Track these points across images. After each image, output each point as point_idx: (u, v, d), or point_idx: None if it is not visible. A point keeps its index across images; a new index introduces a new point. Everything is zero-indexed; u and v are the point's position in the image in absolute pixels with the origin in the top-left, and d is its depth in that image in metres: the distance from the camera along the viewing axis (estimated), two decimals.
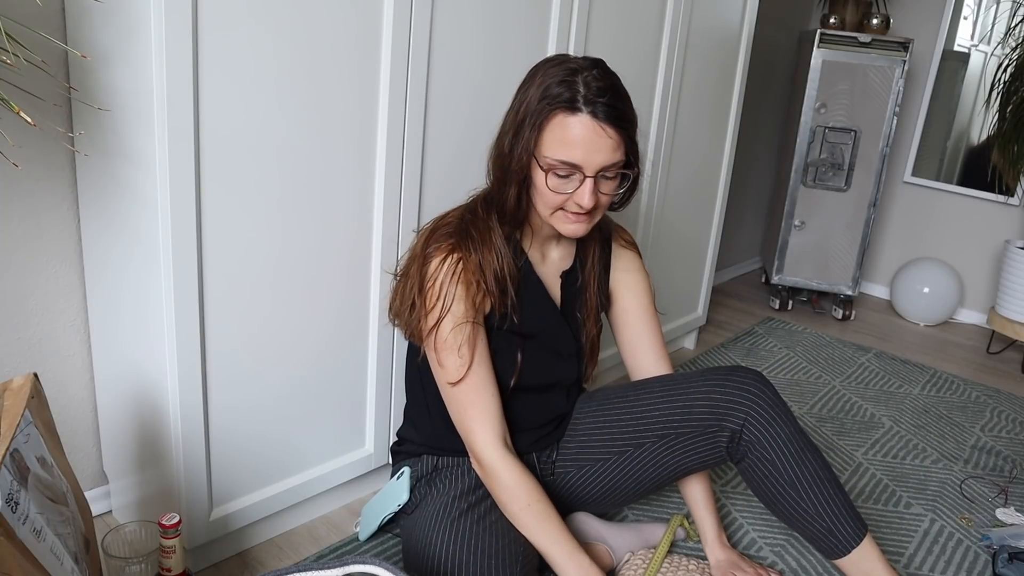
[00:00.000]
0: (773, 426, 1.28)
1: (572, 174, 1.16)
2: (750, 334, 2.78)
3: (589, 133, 1.13)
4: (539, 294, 1.32)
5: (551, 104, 1.13)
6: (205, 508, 1.31)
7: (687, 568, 1.43)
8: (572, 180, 1.16)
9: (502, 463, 1.22)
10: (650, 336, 1.46)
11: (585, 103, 1.12)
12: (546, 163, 1.16)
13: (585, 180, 1.15)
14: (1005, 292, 2.74)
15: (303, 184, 1.29)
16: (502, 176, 1.22)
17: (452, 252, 1.21)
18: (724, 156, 2.40)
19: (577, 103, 1.12)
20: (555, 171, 1.16)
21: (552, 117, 1.14)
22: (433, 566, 1.20)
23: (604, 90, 1.13)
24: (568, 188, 1.17)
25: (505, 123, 1.22)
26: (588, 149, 1.13)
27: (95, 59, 1.18)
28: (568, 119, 1.13)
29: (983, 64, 3.04)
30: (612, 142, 1.14)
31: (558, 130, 1.14)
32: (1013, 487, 1.89)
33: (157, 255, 1.16)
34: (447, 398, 1.26)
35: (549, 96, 1.14)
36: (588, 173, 1.15)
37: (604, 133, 1.13)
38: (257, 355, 1.31)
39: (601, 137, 1.13)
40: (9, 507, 0.83)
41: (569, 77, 1.14)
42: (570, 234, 1.22)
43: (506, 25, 1.53)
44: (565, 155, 1.14)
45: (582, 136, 1.13)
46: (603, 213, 1.25)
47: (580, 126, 1.13)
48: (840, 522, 1.28)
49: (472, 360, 1.23)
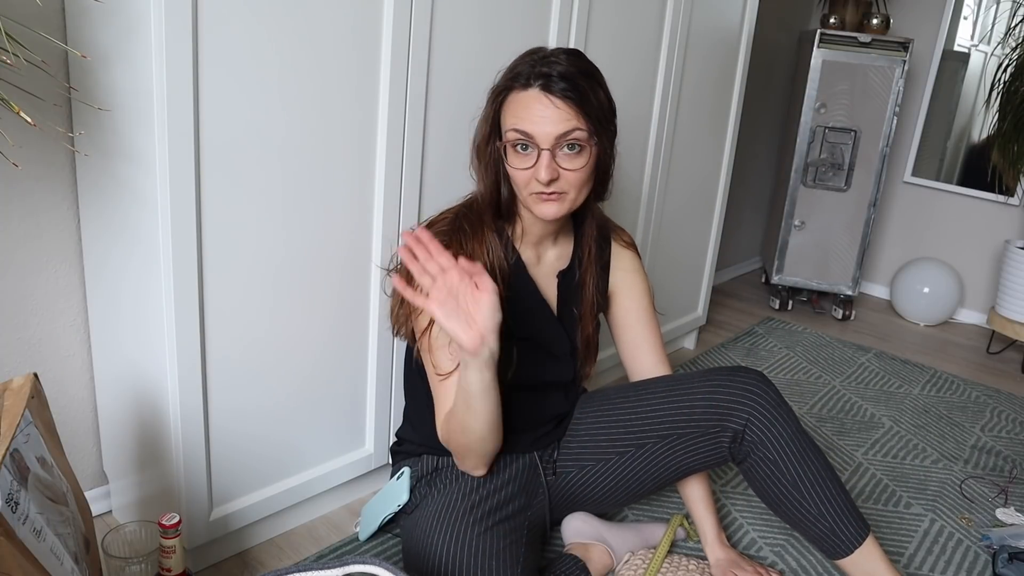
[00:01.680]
0: (775, 427, 1.28)
1: (529, 147, 1.19)
2: (750, 334, 2.78)
3: (537, 104, 1.16)
4: (531, 294, 1.32)
5: (509, 84, 1.19)
6: (205, 508, 1.31)
7: (687, 568, 1.43)
8: (530, 155, 1.19)
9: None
10: (649, 337, 1.46)
11: (535, 77, 1.17)
12: (507, 139, 1.20)
13: (541, 153, 1.17)
14: (1005, 292, 2.74)
15: (303, 184, 1.29)
16: (479, 166, 1.27)
17: (447, 248, 1.21)
18: (724, 156, 2.40)
19: (529, 79, 1.17)
20: (515, 147, 1.19)
21: (508, 96, 1.20)
22: (433, 566, 1.20)
23: (556, 65, 1.17)
24: (527, 163, 1.19)
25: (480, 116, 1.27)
26: (537, 120, 1.16)
27: (95, 59, 1.18)
28: (520, 94, 1.18)
29: (983, 64, 3.04)
30: (562, 113, 1.16)
31: (512, 106, 1.19)
32: (1013, 487, 1.89)
33: (157, 255, 1.16)
34: (435, 389, 1.27)
35: (506, 80, 1.20)
36: (542, 145, 1.17)
37: (552, 103, 1.16)
38: (257, 355, 1.31)
39: (549, 108, 1.16)
40: (9, 507, 0.83)
41: (531, 59, 1.19)
42: (544, 215, 1.22)
43: (506, 25, 1.53)
44: (517, 125, 1.18)
45: (531, 107, 1.17)
46: (578, 194, 1.23)
47: (529, 98, 1.17)
48: (842, 523, 1.28)
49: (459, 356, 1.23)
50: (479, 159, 1.27)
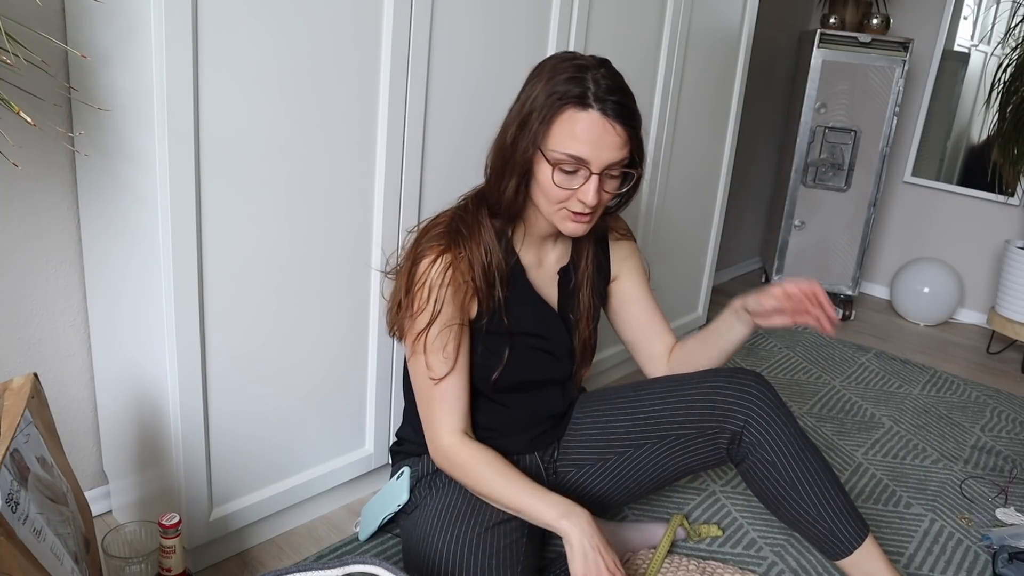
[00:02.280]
0: (773, 428, 1.28)
1: (578, 170, 1.16)
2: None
3: (598, 129, 1.13)
4: (530, 294, 1.32)
5: (561, 99, 1.14)
6: (205, 508, 1.31)
7: (687, 568, 1.43)
8: (578, 176, 1.17)
9: (461, 444, 1.25)
10: (657, 309, 1.47)
11: (595, 100, 1.13)
12: (553, 157, 1.15)
13: (591, 177, 1.16)
14: (1005, 292, 2.74)
15: (303, 184, 1.29)
16: (502, 168, 1.21)
17: (443, 253, 1.21)
18: (724, 156, 2.40)
19: (588, 99, 1.13)
20: (561, 166, 1.16)
21: (562, 112, 1.14)
22: (433, 566, 1.20)
23: (613, 88, 1.15)
24: (573, 184, 1.17)
25: (509, 117, 1.21)
26: (596, 145, 1.14)
27: (95, 59, 1.18)
28: (578, 114, 1.14)
29: (983, 64, 3.04)
30: (619, 140, 1.15)
31: (567, 125, 1.14)
32: (1013, 487, 1.88)
33: (157, 255, 1.16)
34: (421, 391, 1.27)
35: (559, 91, 1.14)
36: (594, 170, 1.15)
37: (613, 130, 1.14)
38: (257, 355, 1.31)
39: (609, 134, 1.14)
40: (9, 507, 0.83)
41: (579, 74, 1.14)
42: (570, 233, 1.22)
43: (506, 24, 1.53)
44: (573, 150, 1.14)
45: (591, 132, 1.13)
46: (602, 211, 1.25)
47: (589, 122, 1.13)
48: (841, 523, 1.28)
49: (455, 362, 1.25)
50: (503, 160, 1.21)
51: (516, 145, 1.18)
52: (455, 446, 1.25)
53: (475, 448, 1.25)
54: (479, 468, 1.23)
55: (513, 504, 1.20)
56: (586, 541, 1.14)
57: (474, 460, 1.23)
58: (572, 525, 1.15)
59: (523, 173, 1.19)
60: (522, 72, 1.24)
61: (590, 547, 1.14)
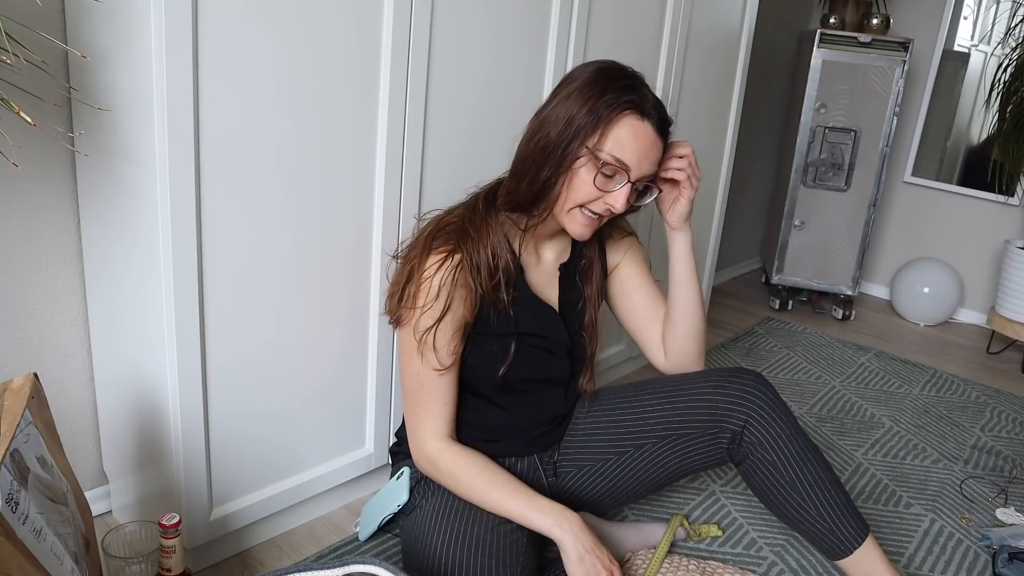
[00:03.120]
0: (774, 427, 1.28)
1: (616, 174, 1.18)
2: (750, 334, 2.78)
3: (649, 141, 1.18)
4: (529, 299, 1.32)
5: (622, 105, 1.16)
6: (205, 508, 1.31)
7: (687, 568, 1.43)
8: (614, 181, 1.19)
9: (446, 450, 1.26)
10: (660, 295, 1.46)
11: (653, 110, 1.18)
12: (601, 158, 1.17)
13: (626, 184, 1.19)
14: (1005, 292, 2.74)
15: (303, 184, 1.29)
16: (542, 161, 1.19)
17: (452, 254, 1.21)
18: (724, 156, 2.40)
19: (646, 109, 1.17)
20: (605, 169, 1.17)
21: (622, 116, 1.16)
22: (433, 566, 1.20)
23: (659, 105, 1.20)
24: (609, 188, 1.19)
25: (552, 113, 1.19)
26: (643, 155, 1.18)
27: (95, 59, 1.18)
28: (637, 123, 1.17)
29: (983, 64, 3.04)
30: (657, 155, 1.21)
31: (625, 129, 1.16)
32: (1013, 487, 1.89)
33: (157, 255, 1.16)
34: (409, 391, 1.27)
35: (617, 96, 1.16)
36: (632, 178, 1.18)
37: (657, 144, 1.19)
38: (257, 354, 1.31)
39: (655, 147, 1.19)
40: (9, 507, 0.83)
41: (634, 83, 1.19)
42: (577, 235, 1.23)
43: (506, 22, 1.53)
44: (622, 154, 1.16)
45: (644, 142, 1.17)
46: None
47: (644, 131, 1.17)
48: (842, 523, 1.28)
49: (452, 363, 1.26)
50: (543, 148, 1.19)
51: (563, 140, 1.18)
52: (441, 452, 1.26)
53: (460, 453, 1.26)
54: (465, 473, 1.24)
55: (502, 510, 1.22)
56: (580, 546, 1.18)
57: (460, 465, 1.25)
58: (565, 532, 1.19)
59: (564, 169, 1.19)
60: (522, 70, 1.24)
61: (584, 551, 1.18)
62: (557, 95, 1.21)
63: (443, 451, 1.26)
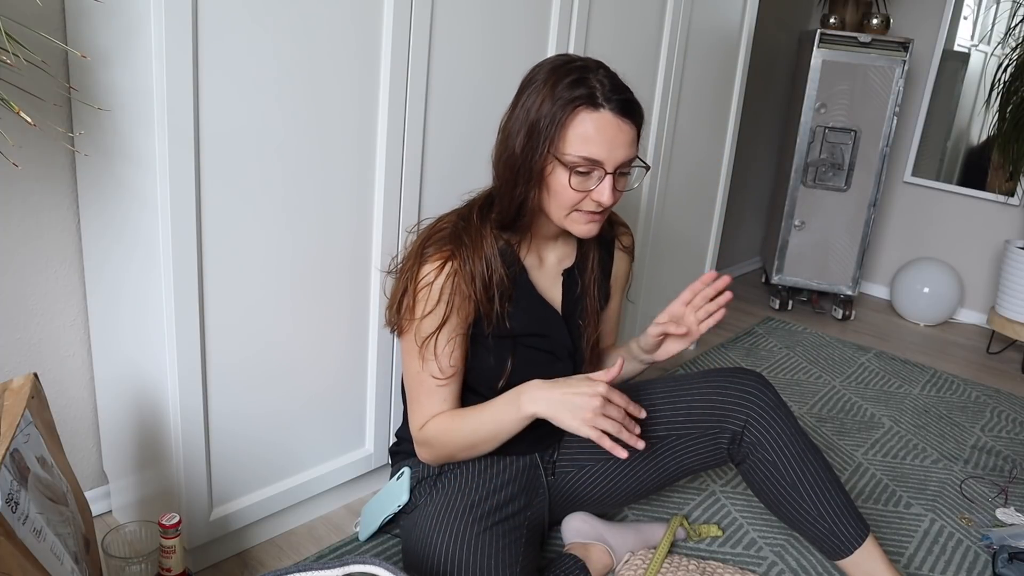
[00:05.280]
0: (774, 428, 1.28)
1: (592, 171, 1.16)
2: (750, 334, 2.78)
3: (612, 129, 1.14)
4: (533, 298, 1.32)
5: (572, 103, 1.13)
6: (205, 508, 1.31)
7: (687, 568, 1.43)
8: (592, 178, 1.17)
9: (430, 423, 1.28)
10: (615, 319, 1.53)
11: (605, 99, 1.14)
12: (568, 161, 1.15)
13: (606, 177, 1.16)
14: (1005, 292, 2.74)
15: (303, 185, 1.29)
16: (512, 178, 1.19)
17: (449, 260, 1.21)
18: (724, 156, 2.40)
19: (598, 100, 1.13)
20: (577, 169, 1.16)
21: (575, 115, 1.14)
22: (433, 566, 1.20)
23: (618, 87, 1.16)
24: (589, 186, 1.17)
25: (512, 125, 1.19)
26: (611, 145, 1.14)
27: (95, 59, 1.18)
28: (591, 115, 1.14)
29: (983, 64, 3.04)
30: (630, 137, 1.17)
31: (581, 127, 1.14)
32: (1013, 487, 1.89)
33: (157, 255, 1.16)
34: (412, 383, 1.29)
35: (566, 96, 1.13)
36: (609, 169, 1.16)
37: (623, 128, 1.15)
38: (257, 354, 1.31)
39: (622, 132, 1.15)
40: (9, 507, 0.83)
41: (582, 75, 1.14)
42: (584, 234, 1.23)
43: (506, 25, 1.53)
44: (589, 152, 1.14)
45: (605, 132, 1.14)
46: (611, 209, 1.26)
47: (603, 122, 1.14)
48: (842, 523, 1.28)
49: (456, 369, 1.27)
50: (512, 171, 1.19)
51: (526, 153, 1.17)
52: (426, 425, 1.28)
53: (441, 417, 1.27)
54: (447, 426, 1.25)
55: (486, 431, 1.22)
56: (554, 401, 1.15)
57: (442, 423, 1.26)
58: (531, 402, 1.17)
59: (536, 181, 1.18)
60: (522, 72, 1.24)
61: (560, 401, 1.15)
62: (515, 104, 1.20)
63: (426, 427, 1.28)
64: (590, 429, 1.12)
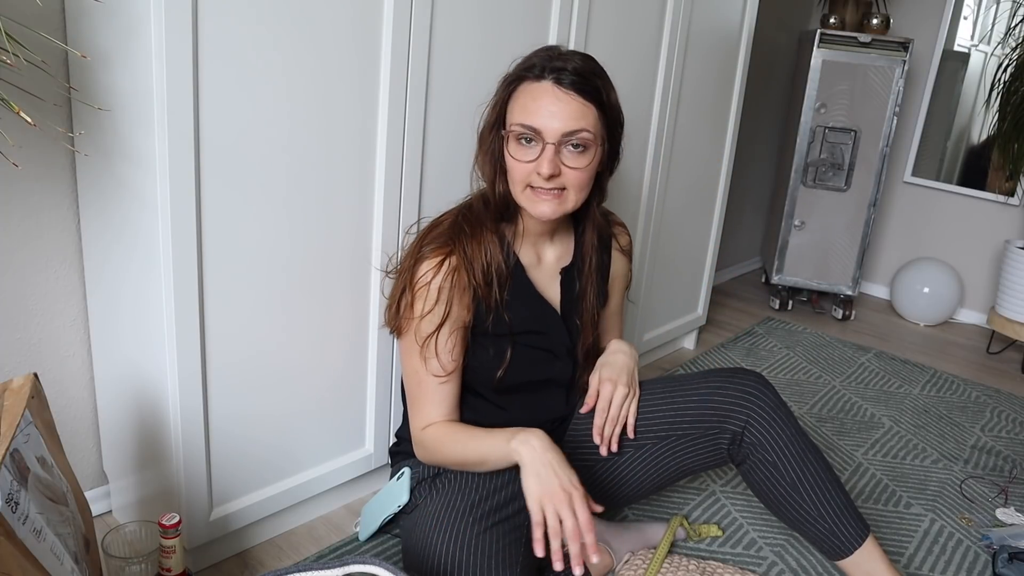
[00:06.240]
0: (774, 428, 1.28)
1: (533, 141, 1.17)
2: (750, 334, 2.78)
3: (550, 97, 1.15)
4: (531, 295, 1.32)
5: (520, 75, 1.18)
6: (205, 508, 1.31)
7: (687, 568, 1.43)
8: (533, 148, 1.17)
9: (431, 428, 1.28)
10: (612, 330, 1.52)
11: (550, 71, 1.16)
12: (511, 131, 1.18)
13: (546, 147, 1.16)
14: (1005, 292, 2.74)
15: (303, 184, 1.29)
16: (481, 156, 1.25)
17: (448, 256, 1.21)
18: (724, 156, 2.40)
19: (543, 71, 1.16)
20: (517, 138, 1.18)
21: (519, 86, 1.19)
22: (433, 566, 1.20)
23: (570, 61, 1.17)
24: (529, 156, 1.18)
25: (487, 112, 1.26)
26: (549, 115, 1.15)
27: (95, 59, 1.18)
28: (531, 85, 1.17)
29: (983, 64, 3.04)
30: (573, 109, 1.15)
31: (522, 97, 1.18)
32: (1013, 487, 1.89)
33: (157, 255, 1.16)
34: (411, 383, 1.29)
35: (519, 70, 1.19)
36: (548, 139, 1.16)
37: (565, 98, 1.15)
38: (257, 355, 1.31)
39: (562, 102, 1.15)
40: (9, 507, 0.83)
41: (544, 54, 1.19)
42: (540, 215, 1.21)
43: (506, 24, 1.53)
44: (525, 119, 1.16)
45: (543, 101, 1.15)
46: (578, 195, 1.22)
47: (541, 91, 1.16)
48: (842, 523, 1.28)
49: (453, 369, 1.27)
50: (481, 148, 1.26)
51: (489, 130, 1.23)
52: (426, 432, 1.28)
53: (443, 426, 1.28)
54: (443, 438, 1.26)
55: (476, 455, 1.23)
56: (537, 459, 1.13)
57: (440, 433, 1.27)
58: (521, 444, 1.15)
59: (497, 159, 1.23)
60: None
61: (542, 464, 1.12)
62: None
63: (427, 429, 1.28)
64: (537, 508, 1.10)
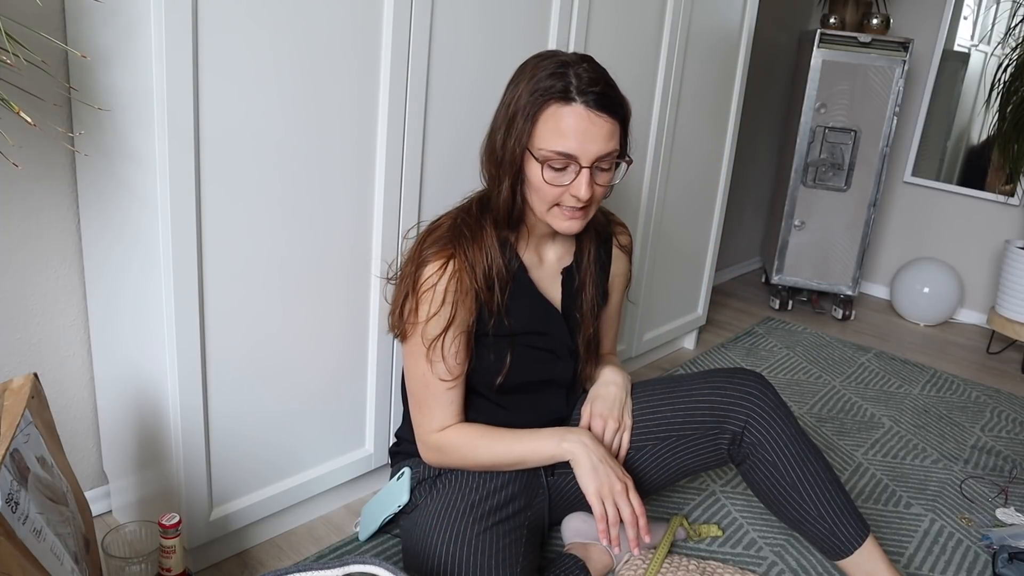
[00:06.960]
0: (774, 428, 1.28)
1: (567, 166, 1.15)
2: (750, 334, 2.78)
3: (584, 123, 1.13)
4: (533, 295, 1.32)
5: (544, 96, 1.13)
6: (205, 508, 1.31)
7: (687, 568, 1.43)
8: (568, 172, 1.16)
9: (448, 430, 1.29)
10: (613, 325, 1.54)
11: (578, 93, 1.13)
12: (541, 155, 1.15)
13: (581, 171, 1.15)
14: (1005, 292, 2.74)
15: (303, 184, 1.29)
16: (496, 173, 1.21)
17: (450, 259, 1.21)
18: (724, 156, 2.40)
19: (571, 93, 1.13)
20: (550, 163, 1.15)
21: (545, 108, 1.14)
22: (433, 566, 1.20)
23: (596, 80, 1.14)
24: (564, 181, 1.16)
25: (496, 119, 1.21)
26: (583, 139, 1.13)
27: (95, 59, 1.18)
28: (562, 109, 1.13)
29: (983, 64, 3.04)
30: (606, 131, 1.14)
31: (552, 121, 1.13)
32: (1013, 487, 1.89)
33: (157, 255, 1.16)
34: (416, 387, 1.28)
35: (541, 88, 1.14)
36: (583, 164, 1.15)
37: (598, 122, 1.13)
38: (257, 355, 1.31)
39: (596, 126, 1.13)
40: (9, 507, 0.83)
41: (560, 69, 1.14)
42: (566, 231, 1.22)
43: (506, 25, 1.53)
44: (560, 146, 1.13)
45: (576, 126, 1.13)
46: (597, 207, 1.25)
47: (574, 116, 1.13)
48: (842, 523, 1.28)
49: (460, 372, 1.27)
50: (495, 165, 1.21)
51: (505, 148, 1.18)
52: (444, 434, 1.29)
53: (461, 427, 1.29)
54: (469, 440, 1.27)
55: (515, 456, 1.25)
56: (593, 456, 1.21)
57: (463, 437, 1.28)
58: (574, 444, 1.22)
59: (515, 175, 1.19)
60: None
61: (598, 460, 1.20)
62: (501, 101, 1.21)
63: (445, 432, 1.29)
64: (598, 501, 1.18)
